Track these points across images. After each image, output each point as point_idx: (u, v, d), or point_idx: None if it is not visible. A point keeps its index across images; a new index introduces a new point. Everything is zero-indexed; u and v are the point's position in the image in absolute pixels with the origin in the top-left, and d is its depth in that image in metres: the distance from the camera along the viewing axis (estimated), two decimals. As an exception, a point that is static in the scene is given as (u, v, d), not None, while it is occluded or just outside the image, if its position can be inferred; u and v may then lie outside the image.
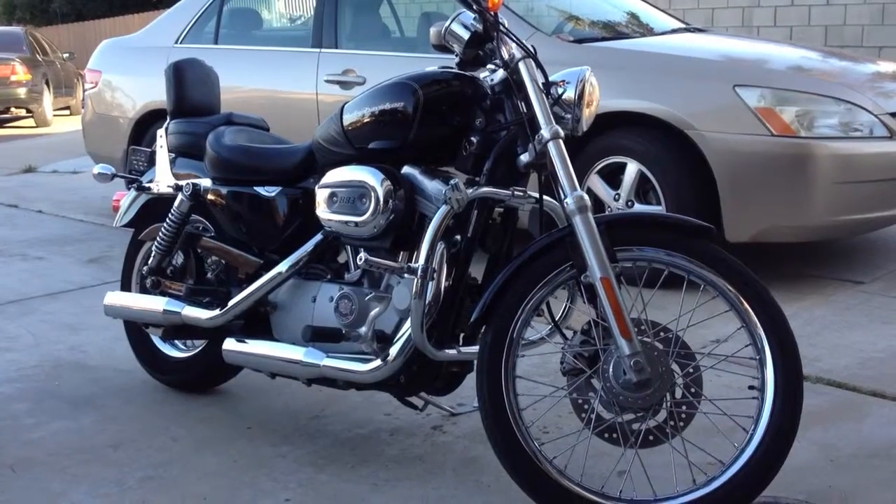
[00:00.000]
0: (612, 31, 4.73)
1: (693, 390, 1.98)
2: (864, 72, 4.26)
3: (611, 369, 1.96)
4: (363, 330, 2.18)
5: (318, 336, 2.25)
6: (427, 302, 2.05)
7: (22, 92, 13.19)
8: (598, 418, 1.99)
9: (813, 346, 3.11)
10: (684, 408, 1.98)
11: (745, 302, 1.94)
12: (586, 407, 2.00)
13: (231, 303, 2.51)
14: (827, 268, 4.13)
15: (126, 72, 5.72)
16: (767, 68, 4.09)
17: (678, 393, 1.98)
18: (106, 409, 2.77)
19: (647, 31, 4.76)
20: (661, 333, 1.99)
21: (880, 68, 4.37)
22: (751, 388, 1.96)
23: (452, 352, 2.14)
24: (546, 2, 4.92)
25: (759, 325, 1.94)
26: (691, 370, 1.98)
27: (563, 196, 1.97)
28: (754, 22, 7.77)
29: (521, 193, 2.11)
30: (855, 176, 3.67)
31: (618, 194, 3.92)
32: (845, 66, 4.41)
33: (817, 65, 4.37)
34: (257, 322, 2.51)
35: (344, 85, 4.62)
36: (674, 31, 4.78)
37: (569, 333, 2.10)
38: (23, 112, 13.83)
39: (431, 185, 2.15)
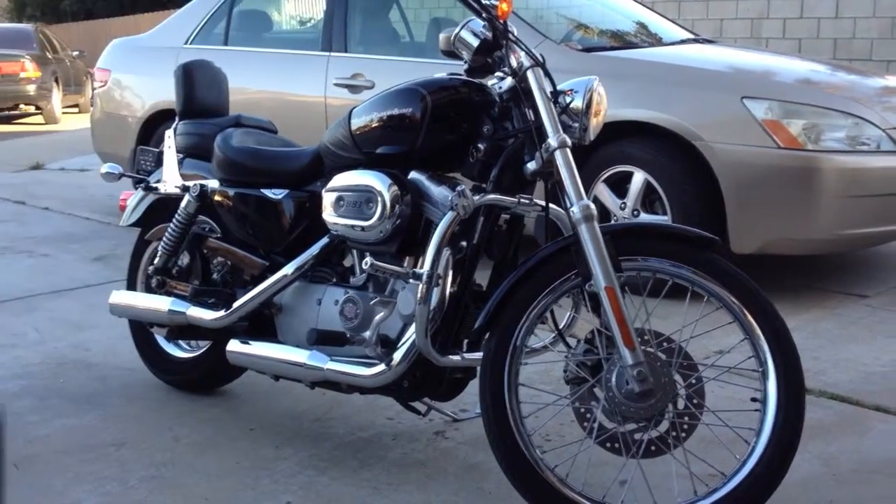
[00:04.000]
0: (621, 41, 4.74)
1: (695, 401, 1.98)
2: (872, 86, 4.26)
3: (614, 379, 1.96)
4: (367, 334, 2.18)
5: (323, 339, 2.25)
6: (432, 308, 2.06)
7: (31, 89, 13.25)
8: (600, 428, 2.00)
9: (816, 360, 3.10)
10: (686, 419, 1.98)
11: (748, 314, 1.94)
12: (589, 416, 2.01)
13: (236, 304, 2.51)
14: (832, 281, 4.13)
15: (135, 71, 5.74)
16: (775, 81, 4.09)
17: (680, 404, 1.98)
18: (109, 407, 2.78)
19: (656, 41, 4.76)
20: (665, 344, 1.99)
21: (888, 83, 4.38)
22: (753, 400, 1.96)
23: (456, 358, 2.14)
24: (555, 10, 4.93)
25: (762, 337, 1.94)
26: (694, 381, 1.98)
27: (569, 204, 1.97)
28: (763, 34, 7.77)
29: (528, 201, 2.12)
30: (861, 190, 3.67)
31: (624, 203, 3.93)
32: (853, 79, 4.41)
33: (825, 78, 4.37)
34: (262, 324, 2.52)
35: (352, 89, 4.63)
36: (683, 41, 4.79)
37: (572, 342, 2.11)
38: (31, 109, 13.89)
39: (438, 191, 2.15)
